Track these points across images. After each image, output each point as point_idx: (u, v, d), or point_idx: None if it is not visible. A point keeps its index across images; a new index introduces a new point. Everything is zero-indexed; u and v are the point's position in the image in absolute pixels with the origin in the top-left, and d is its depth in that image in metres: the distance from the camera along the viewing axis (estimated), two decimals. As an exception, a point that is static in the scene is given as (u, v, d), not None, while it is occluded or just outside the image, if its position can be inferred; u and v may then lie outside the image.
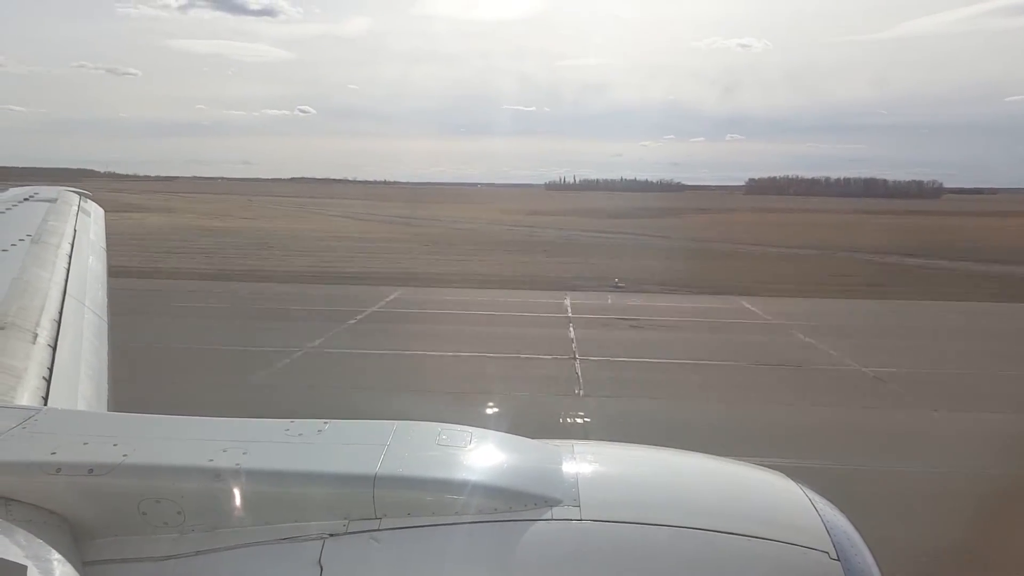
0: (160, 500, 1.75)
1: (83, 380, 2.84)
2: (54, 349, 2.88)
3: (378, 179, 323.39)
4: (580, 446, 2.02)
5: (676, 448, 2.08)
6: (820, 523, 1.79)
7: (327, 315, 19.63)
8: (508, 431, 2.05)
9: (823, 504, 1.87)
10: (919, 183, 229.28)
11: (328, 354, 15.41)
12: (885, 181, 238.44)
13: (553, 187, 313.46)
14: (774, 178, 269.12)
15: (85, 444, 1.87)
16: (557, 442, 2.04)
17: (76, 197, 5.82)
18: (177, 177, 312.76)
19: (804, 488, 1.93)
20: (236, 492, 1.75)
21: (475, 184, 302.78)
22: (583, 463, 1.93)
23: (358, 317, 19.51)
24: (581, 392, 12.84)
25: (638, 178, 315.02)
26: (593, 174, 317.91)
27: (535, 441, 2.04)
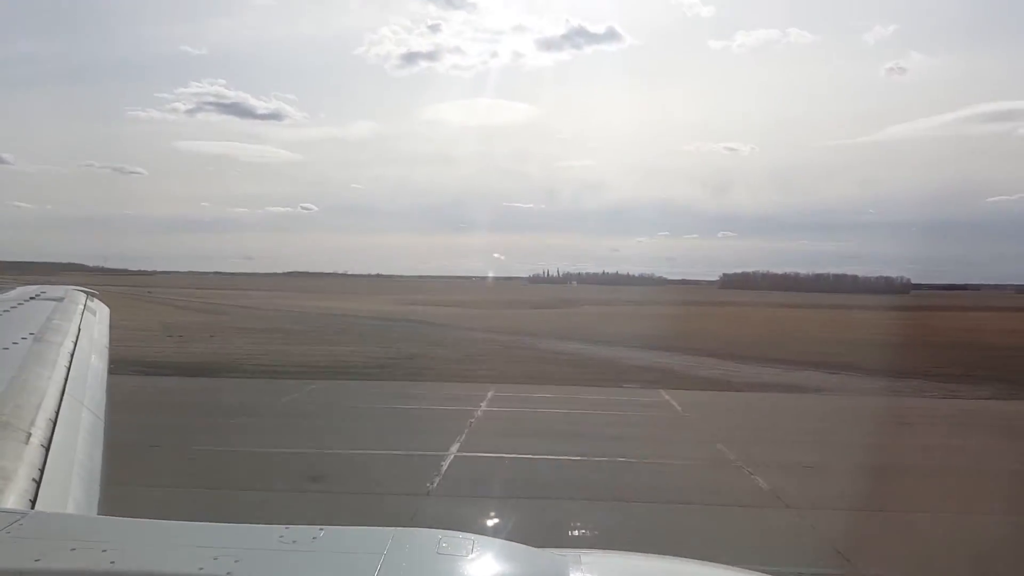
0: None
1: (75, 482, 2.74)
2: (47, 449, 2.77)
3: (371, 272, 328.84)
4: (588, 556, 1.92)
5: (692, 558, 1.99)
6: None
7: None
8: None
9: None
10: (887, 279, 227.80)
11: None
12: (855, 276, 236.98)
13: (537, 280, 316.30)
14: (746, 273, 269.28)
15: (72, 550, 1.73)
16: (564, 551, 1.95)
17: (83, 296, 5.89)
18: (168, 272, 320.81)
19: None
20: None
21: (470, 277, 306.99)
22: (591, 575, 1.84)
23: None
24: None
25: (620, 272, 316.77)
26: (591, 268, 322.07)
27: (541, 550, 1.94)
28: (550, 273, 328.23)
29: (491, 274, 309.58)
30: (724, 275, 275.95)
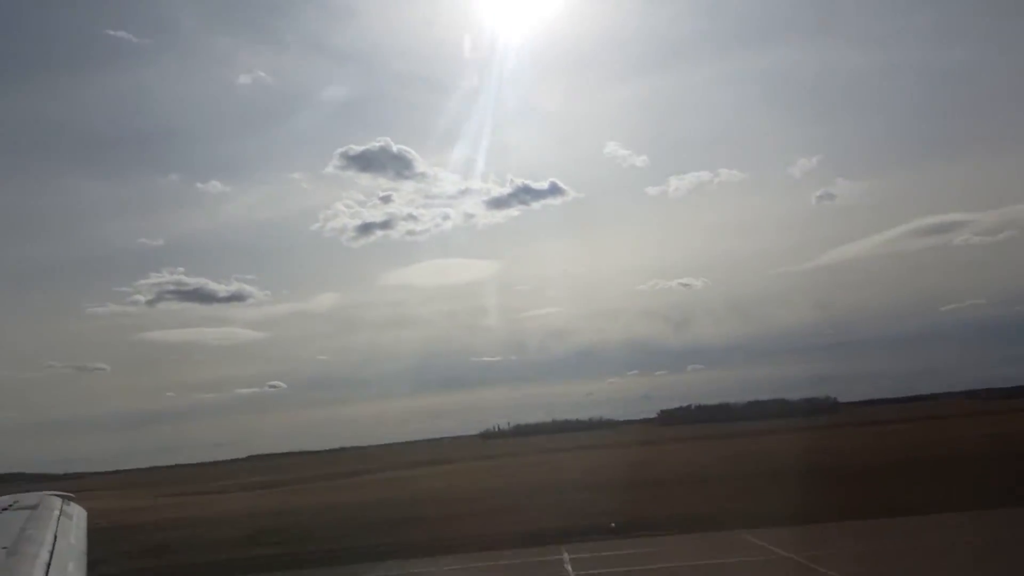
0: None
1: None
2: None
3: (335, 447, 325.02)
4: None
5: None
6: None
7: None
8: None
9: None
10: (811, 400, 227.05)
11: None
12: (784, 400, 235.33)
13: (488, 435, 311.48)
14: (682, 407, 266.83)
15: None
16: None
17: (59, 501, 5.79)
18: (120, 470, 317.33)
19: None
20: None
21: (441, 439, 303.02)
22: None
23: None
24: None
25: (569, 419, 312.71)
26: (567, 415, 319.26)
27: None
28: (500, 427, 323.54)
29: (472, 431, 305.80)
30: (662, 411, 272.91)
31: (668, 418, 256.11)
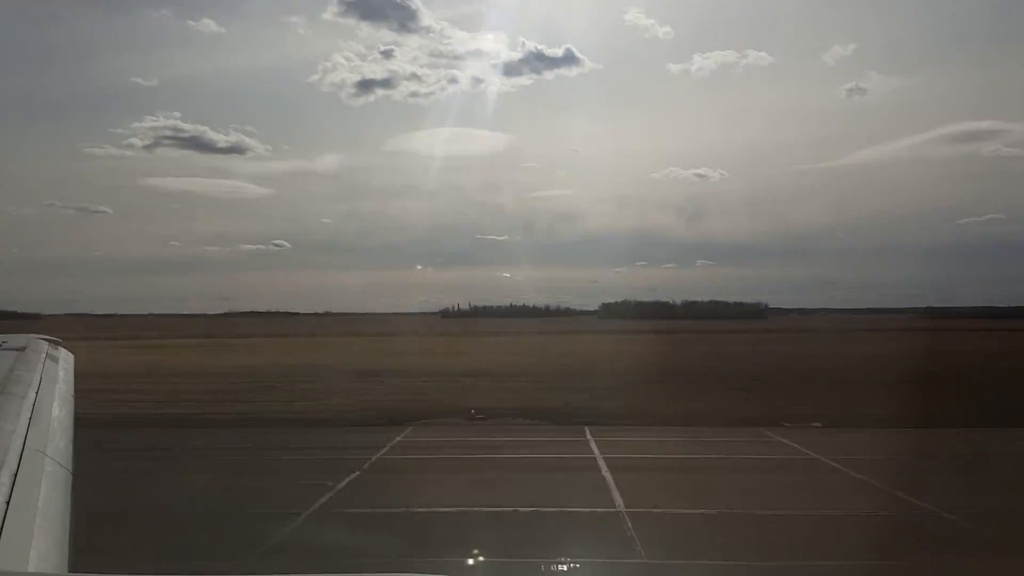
0: None
1: (38, 536, 2.70)
2: (7, 504, 2.78)
3: (320, 311, 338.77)
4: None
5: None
6: None
7: None
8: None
9: None
10: (741, 304, 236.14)
11: None
12: (720, 303, 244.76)
13: (448, 313, 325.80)
14: (620, 301, 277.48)
15: None
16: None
17: (45, 344, 5.92)
18: (97, 314, 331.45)
19: None
20: None
21: (419, 313, 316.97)
22: None
23: None
24: None
25: (535, 305, 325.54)
26: (570, 301, 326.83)
27: None
28: (460, 307, 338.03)
29: (424, 308, 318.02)
30: (603, 304, 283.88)
31: (607, 311, 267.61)
